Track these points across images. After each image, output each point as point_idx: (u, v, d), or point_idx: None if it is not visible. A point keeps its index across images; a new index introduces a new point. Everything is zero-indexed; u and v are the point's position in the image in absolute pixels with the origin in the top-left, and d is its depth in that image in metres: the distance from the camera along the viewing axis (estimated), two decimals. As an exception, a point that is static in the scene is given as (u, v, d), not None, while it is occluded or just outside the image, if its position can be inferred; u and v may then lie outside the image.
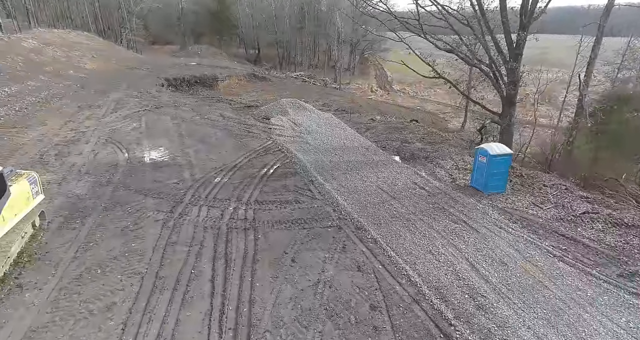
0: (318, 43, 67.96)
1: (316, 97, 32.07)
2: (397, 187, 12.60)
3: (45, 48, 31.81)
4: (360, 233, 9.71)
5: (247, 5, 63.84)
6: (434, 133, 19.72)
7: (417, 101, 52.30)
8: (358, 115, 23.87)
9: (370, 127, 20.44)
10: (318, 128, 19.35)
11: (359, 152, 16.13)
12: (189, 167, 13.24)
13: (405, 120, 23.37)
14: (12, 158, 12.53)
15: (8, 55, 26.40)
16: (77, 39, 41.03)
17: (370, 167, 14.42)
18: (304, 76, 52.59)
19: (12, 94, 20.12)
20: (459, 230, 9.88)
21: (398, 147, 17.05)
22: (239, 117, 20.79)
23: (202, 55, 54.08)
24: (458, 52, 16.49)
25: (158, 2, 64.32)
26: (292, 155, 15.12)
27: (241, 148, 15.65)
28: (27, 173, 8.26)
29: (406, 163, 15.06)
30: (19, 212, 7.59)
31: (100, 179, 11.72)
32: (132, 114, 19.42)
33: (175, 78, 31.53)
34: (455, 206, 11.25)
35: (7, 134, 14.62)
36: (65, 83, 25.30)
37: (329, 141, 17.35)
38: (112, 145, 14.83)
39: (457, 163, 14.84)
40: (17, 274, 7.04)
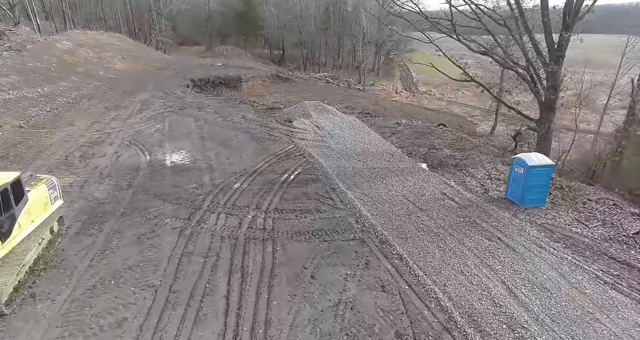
0: (343, 43, 67.32)
1: (339, 98, 31.49)
2: (424, 198, 11.87)
3: (79, 49, 32.84)
4: (384, 248, 9.10)
5: (272, 5, 64.03)
6: (464, 139, 18.72)
7: (444, 103, 50.68)
8: (382, 119, 23.13)
9: (395, 132, 19.68)
10: (341, 132, 18.79)
11: (384, 158, 15.45)
12: (209, 171, 13.01)
13: (432, 125, 22.43)
14: (39, 159, 12.70)
15: (44, 56, 27.34)
16: (108, 40, 42.25)
17: (395, 174, 13.73)
18: (328, 77, 52.11)
19: (45, 94, 20.70)
20: (493, 248, 9.09)
21: (425, 153, 16.24)
22: (261, 119, 20.54)
23: (227, 56, 54.69)
24: (492, 54, 15.49)
25: (186, 3, 65.60)
26: (314, 161, 14.64)
27: (262, 152, 15.33)
28: (46, 178, 8.18)
29: (434, 171, 14.26)
30: (37, 218, 7.49)
31: (121, 182, 11.66)
32: (157, 115, 19.53)
33: (200, 79, 31.80)
34: (489, 220, 10.42)
35: (36, 135, 14.92)
36: (95, 84, 25.93)
37: (352, 146, 16.76)
38: (135, 147, 14.85)
39: (489, 172, 13.91)
40: (32, 283, 6.91)
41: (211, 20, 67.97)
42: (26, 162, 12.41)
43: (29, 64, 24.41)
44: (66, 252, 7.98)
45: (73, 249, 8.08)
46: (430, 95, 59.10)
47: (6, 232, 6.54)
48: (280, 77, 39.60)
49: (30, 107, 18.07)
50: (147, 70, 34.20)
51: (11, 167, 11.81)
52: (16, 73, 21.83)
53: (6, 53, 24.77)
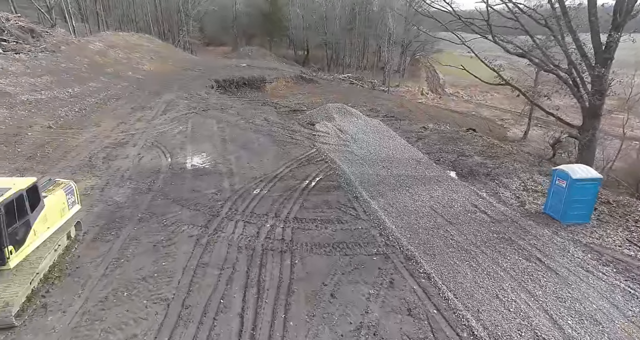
0: (368, 44, 66.38)
1: (363, 100, 30.80)
2: (453, 210, 11.10)
3: (109, 50, 33.73)
4: (410, 265, 8.45)
5: (298, 6, 63.97)
6: (495, 145, 17.67)
7: (472, 106, 48.90)
8: (408, 122, 22.30)
9: (421, 137, 18.86)
10: (365, 136, 18.17)
11: (410, 165, 14.72)
12: (228, 176, 12.74)
13: (461, 129, 21.39)
14: (64, 160, 12.83)
15: (76, 57, 28.18)
16: (138, 41, 43.29)
17: (422, 183, 13.00)
18: (352, 78, 51.46)
19: (75, 94, 21.21)
20: (532, 271, 8.26)
21: (454, 160, 15.38)
22: (283, 121, 20.21)
23: (252, 57, 55.02)
24: (531, 56, 14.42)
25: (214, 5, 66.61)
26: (336, 166, 14.12)
27: (283, 156, 14.95)
28: (64, 183, 8.07)
29: (464, 180, 13.42)
30: (53, 224, 7.36)
31: (141, 185, 11.55)
32: (180, 117, 19.58)
33: (224, 80, 31.96)
34: (526, 238, 9.56)
35: (63, 135, 15.17)
36: (123, 84, 26.44)
37: (376, 151, 16.11)
38: (157, 149, 14.82)
39: (525, 183, 12.93)
40: (45, 292, 6.76)
41: (237, 21, 68.70)
42: (52, 163, 12.56)
43: (62, 64, 25.17)
44: (82, 259, 7.83)
45: (89, 256, 7.92)
46: (457, 97, 57.27)
47: (20, 239, 6.40)
48: (304, 78, 39.31)
49: (60, 107, 18.50)
50: (173, 70, 34.72)
51: (37, 168, 11.97)
52: (49, 74, 22.51)
53: (41, 54, 25.63)
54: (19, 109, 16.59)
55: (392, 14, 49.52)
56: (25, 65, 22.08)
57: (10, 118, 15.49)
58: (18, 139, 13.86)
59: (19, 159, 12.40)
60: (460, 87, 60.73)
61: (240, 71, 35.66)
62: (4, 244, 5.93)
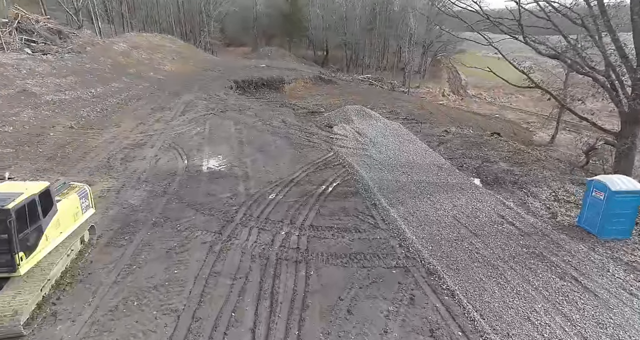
0: (388, 44, 65.41)
1: (383, 102, 30.19)
2: (478, 220, 10.49)
3: (132, 51, 34.35)
4: (432, 280, 7.95)
5: (318, 6, 63.74)
6: (522, 151, 16.81)
7: (495, 108, 47.36)
8: (429, 125, 21.61)
9: (443, 141, 18.17)
10: (384, 140, 17.65)
11: (431, 171, 14.13)
12: (244, 180, 12.52)
13: (485, 133, 20.54)
14: (83, 161, 12.92)
15: (100, 58, 28.77)
16: (161, 42, 44.01)
17: (444, 190, 12.41)
18: (371, 79, 50.80)
19: (97, 94, 21.58)
20: (568, 291, 7.61)
21: (478, 167, 14.68)
22: (301, 123, 19.92)
23: (271, 57, 55.13)
24: (565, 58, 13.55)
25: (235, 6, 67.22)
26: (354, 171, 13.68)
27: (300, 159, 14.63)
28: (79, 186, 7.99)
29: (489, 188, 12.74)
30: (66, 229, 7.26)
31: (157, 188, 11.46)
32: (198, 118, 19.58)
33: (243, 80, 32.02)
34: (559, 254, 8.88)
35: (84, 136, 15.35)
36: (145, 84, 26.80)
37: (395, 156, 15.58)
38: (174, 150, 14.78)
39: (556, 192, 12.15)
40: (56, 299, 6.64)
41: (257, 22, 69.11)
42: (71, 163, 12.66)
43: (87, 65, 25.71)
44: (94, 264, 7.71)
45: (101, 262, 7.80)
46: (480, 99, 55.67)
47: (32, 245, 6.30)
48: (322, 78, 39.00)
49: (82, 107, 18.81)
50: (194, 71, 35.06)
51: (57, 169, 12.08)
52: (74, 74, 23.00)
53: (68, 55, 26.28)
54: (43, 109, 16.92)
55: (413, 13, 48.56)
56: (52, 66, 22.63)
57: (34, 118, 15.79)
58: (40, 139, 14.08)
59: (40, 160, 12.55)
60: (483, 89, 59.05)
61: (259, 72, 35.67)
62: (14, 250, 5.83)
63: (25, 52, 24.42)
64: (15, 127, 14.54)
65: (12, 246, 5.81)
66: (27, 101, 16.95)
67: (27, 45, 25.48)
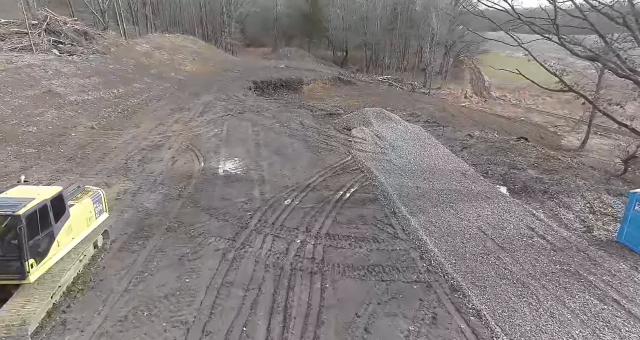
0: (409, 45, 64.31)
1: (403, 104, 29.50)
2: (505, 233, 9.86)
3: (155, 51, 34.90)
4: (457, 298, 7.44)
5: (338, 7, 63.31)
6: (552, 157, 15.89)
7: (521, 110, 45.67)
8: (452, 129, 20.84)
9: (467, 145, 17.43)
10: (404, 143, 17.08)
11: (454, 178, 13.50)
12: (260, 184, 12.27)
13: (511, 138, 19.62)
14: (101, 162, 12.99)
15: (123, 59, 29.31)
16: (183, 43, 44.64)
17: (468, 199, 11.79)
18: (391, 80, 49.98)
19: (119, 95, 21.90)
20: (609, 316, 6.95)
21: (504, 174, 13.94)
22: (319, 125, 19.58)
23: (291, 58, 55.11)
24: (605, 60, 12.66)
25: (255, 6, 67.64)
26: (373, 177, 13.22)
27: (317, 163, 14.28)
28: (93, 190, 7.89)
29: (516, 197, 12.04)
30: (79, 234, 7.16)
31: (172, 191, 11.35)
32: (216, 119, 19.54)
33: (262, 81, 31.98)
34: (598, 272, 8.18)
35: (104, 136, 15.49)
36: (165, 85, 27.10)
37: (416, 161, 15.01)
38: (191, 152, 14.70)
39: (591, 204, 11.33)
40: (66, 306, 6.52)
41: (277, 23, 69.33)
42: (90, 164, 12.74)
43: (110, 66, 26.20)
44: (106, 270, 7.58)
45: (113, 268, 7.67)
46: (504, 101, 53.94)
47: (43, 252, 6.20)
48: (341, 79, 38.57)
49: (104, 108, 19.08)
50: (214, 71, 35.32)
51: (76, 170, 12.17)
52: (98, 75, 23.44)
53: (92, 56, 26.86)
54: (66, 109, 17.23)
55: (436, 13, 47.46)
56: (77, 67, 23.12)
57: (57, 118, 16.07)
58: (62, 140, 14.28)
59: (61, 160, 12.69)
60: (507, 90, 57.24)
61: (278, 72, 35.59)
62: (24, 258, 5.72)
63: (53, 53, 25.08)
64: (39, 127, 14.81)
65: (22, 253, 5.70)
66: (51, 101, 17.29)
67: (54, 46, 26.18)
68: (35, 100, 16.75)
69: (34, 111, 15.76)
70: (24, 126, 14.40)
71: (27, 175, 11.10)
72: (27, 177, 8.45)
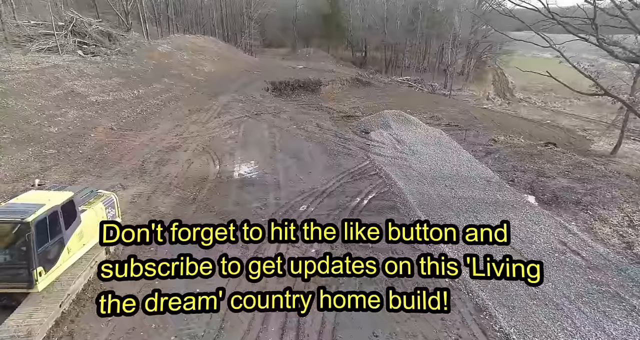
0: (430, 45, 63.06)
1: (423, 105, 28.74)
2: (535, 247, 9.20)
3: (176, 52, 35.34)
4: (482, 319, 6.91)
5: (358, 7, 62.77)
6: (584, 164, 14.97)
7: (547, 113, 43.93)
8: (474, 133, 20.04)
9: (491, 151, 16.66)
10: (425, 148, 16.47)
11: (477, 185, 12.85)
12: (275, 188, 11.99)
13: (539, 143, 18.69)
14: (119, 164, 13.00)
15: (145, 60, 29.74)
16: (203, 44, 45.15)
17: (493, 209, 11.15)
18: (410, 81, 49.06)
19: (139, 96, 22.15)
20: (652, 347, 6.28)
21: (532, 182, 13.18)
22: (336, 128, 19.18)
23: (309, 58, 54.99)
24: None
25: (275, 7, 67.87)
26: (392, 183, 12.73)
27: (334, 168, 13.90)
28: (106, 195, 7.77)
29: (546, 208, 11.31)
30: (90, 240, 7.02)
31: (187, 194, 11.21)
32: (233, 120, 19.44)
33: (280, 82, 31.82)
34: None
35: (122, 137, 15.60)
36: (185, 86, 27.32)
37: (437, 167, 14.41)
38: (207, 154, 14.59)
39: (630, 217, 10.50)
40: (75, 315, 6.37)
41: (297, 23, 69.35)
42: (107, 166, 12.78)
43: (132, 66, 26.60)
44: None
45: (124, 275, 7.49)
46: (528, 103, 52.15)
47: (52, 259, 6.06)
48: (360, 80, 38.05)
49: (124, 108, 19.29)
50: (233, 72, 35.45)
51: (93, 172, 12.21)
52: (119, 75, 23.81)
53: (115, 57, 27.33)
54: (87, 110, 17.47)
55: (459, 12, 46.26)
56: (99, 68, 23.54)
57: (78, 119, 16.30)
58: (82, 141, 14.42)
59: (79, 162, 12.78)
60: (532, 92, 55.43)
61: (297, 73, 35.41)
62: (32, 266, 5.59)
63: (78, 54, 25.66)
64: (60, 127, 15.03)
65: (31, 261, 5.56)
66: (73, 102, 17.58)
67: (79, 47, 26.79)
68: (57, 101, 17.05)
69: (55, 112, 16.03)
70: (45, 126, 14.64)
71: (46, 176, 11.21)
72: (42, 180, 8.43)
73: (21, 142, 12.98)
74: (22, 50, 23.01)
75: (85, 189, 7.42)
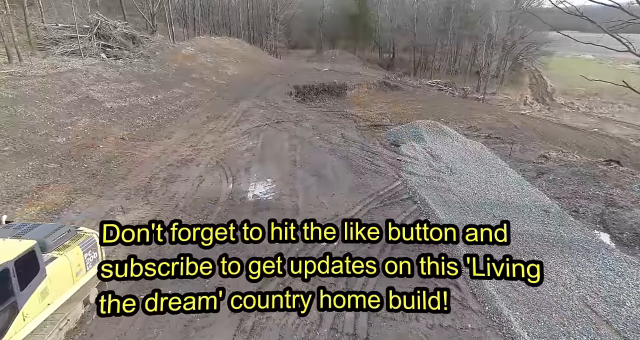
0: (461, 46, 59.99)
1: (456, 112, 26.44)
2: (625, 312, 7.12)
3: (199, 55, 34.61)
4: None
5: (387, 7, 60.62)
6: (661, 191, 12.50)
7: (593, 120, 40.22)
8: (521, 148, 17.72)
9: (543, 171, 14.40)
10: (464, 166, 14.44)
11: (534, 217, 10.75)
12: (292, 214, 10.42)
13: (599, 160, 16.18)
14: (124, 181, 11.84)
15: (167, 63, 29.08)
16: (228, 46, 44.47)
17: (559, 250, 9.09)
18: (440, 84, 46.49)
19: (157, 101, 21.24)
20: None
21: (601, 214, 10.94)
22: (362, 139, 17.44)
23: (335, 60, 53.40)
24: None
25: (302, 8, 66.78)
26: (429, 211, 10.87)
27: (360, 189, 12.18)
28: (87, 235, 6.42)
29: (627, 251, 9.12)
30: (59, 295, 5.68)
31: (192, 220, 9.83)
32: (252, 130, 18.08)
33: (304, 86, 30.37)
34: None
35: (133, 148, 14.52)
36: (205, 90, 26.37)
37: (481, 190, 12.38)
38: (221, 169, 13.24)
39: None
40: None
41: (323, 24, 68.00)
42: (111, 183, 11.63)
43: (152, 70, 25.90)
44: (95, 338, 6.06)
45: (103, 335, 6.13)
46: (571, 108, 48.28)
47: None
48: (388, 84, 36.03)
49: (139, 115, 18.35)
50: (256, 75, 34.37)
51: (94, 190, 11.07)
52: (138, 80, 23.06)
53: (136, 60, 26.74)
54: (100, 117, 16.58)
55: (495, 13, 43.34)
56: (119, 71, 22.87)
57: (89, 128, 15.40)
58: (88, 153, 13.42)
59: (81, 178, 11.70)
60: (574, 96, 51.42)
61: (321, 77, 33.88)
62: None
63: (101, 57, 25.22)
64: (68, 137, 14.12)
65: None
66: (86, 109, 16.75)
67: (103, 51, 26.37)
68: (70, 108, 16.24)
69: (66, 120, 15.18)
70: (52, 136, 13.74)
71: (40, 197, 10.14)
72: (9, 217, 7.23)
73: (23, 155, 12.07)
74: (44, 53, 22.72)
75: (62, 229, 6.10)
